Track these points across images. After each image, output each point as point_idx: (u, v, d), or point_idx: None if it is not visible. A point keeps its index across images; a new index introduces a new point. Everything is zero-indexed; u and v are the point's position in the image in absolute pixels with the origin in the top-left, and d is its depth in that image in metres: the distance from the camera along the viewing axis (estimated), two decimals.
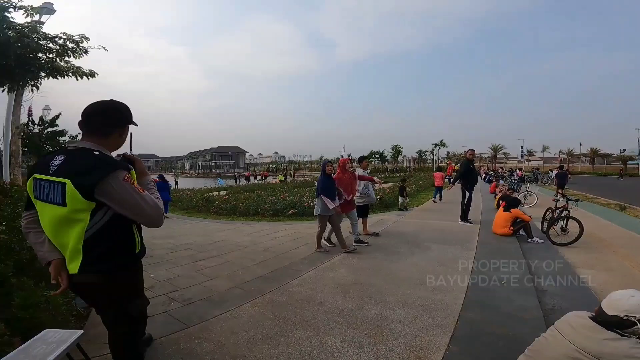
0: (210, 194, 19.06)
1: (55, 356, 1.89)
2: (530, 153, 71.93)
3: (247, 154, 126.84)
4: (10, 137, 9.06)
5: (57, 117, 15.03)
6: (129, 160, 1.93)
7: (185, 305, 3.75)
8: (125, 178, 1.70)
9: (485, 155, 74.57)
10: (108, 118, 1.83)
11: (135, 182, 1.77)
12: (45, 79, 4.58)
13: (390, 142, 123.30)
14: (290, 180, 36.59)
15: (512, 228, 7.17)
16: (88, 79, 5.04)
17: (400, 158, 76.21)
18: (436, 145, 72.32)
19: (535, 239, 6.88)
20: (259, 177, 49.63)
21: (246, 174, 52.32)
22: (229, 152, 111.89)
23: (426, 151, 75.66)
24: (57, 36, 4.15)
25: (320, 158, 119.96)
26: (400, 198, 12.04)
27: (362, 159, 7.80)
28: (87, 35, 4.40)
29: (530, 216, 7.30)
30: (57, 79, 4.64)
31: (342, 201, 6.09)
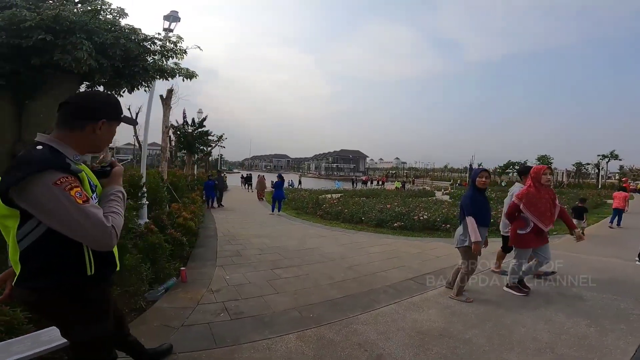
0: (323, 196, 19.37)
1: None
2: None
3: (368, 159, 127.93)
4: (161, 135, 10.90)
5: (204, 119, 17.84)
6: (109, 165, 1.58)
7: (232, 319, 3.36)
8: (58, 182, 1.24)
9: None
10: (79, 109, 1.45)
11: (82, 189, 1.30)
12: (159, 79, 4.85)
13: (532, 151, 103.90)
14: (408, 188, 34.49)
15: None
16: (190, 80, 5.24)
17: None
18: (604, 157, 56.75)
19: None
20: (376, 182, 48.92)
21: (364, 178, 52.36)
22: (350, 156, 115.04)
23: (587, 164, 60.30)
24: (154, 37, 4.29)
25: (445, 166, 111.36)
26: (576, 222, 9.29)
27: (525, 171, 4.84)
28: (181, 36, 4.49)
29: None
30: (167, 79, 4.88)
31: (529, 231, 4.06)
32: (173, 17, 6.88)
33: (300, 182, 36.60)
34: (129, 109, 13.50)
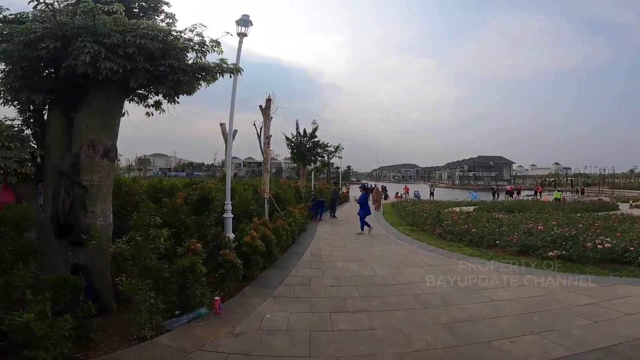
0: (449, 209, 16.24)
1: None
2: None
3: (514, 165, 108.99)
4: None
5: (315, 129, 17.54)
6: None
7: None
8: None
9: None
10: None
11: None
12: (199, 84, 4.20)
13: None
14: (575, 200, 26.36)
15: None
16: (234, 74, 4.46)
17: None
18: None
19: None
20: (527, 193, 40.11)
21: (508, 187, 43.59)
22: (490, 163, 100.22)
23: None
24: (184, 30, 4.01)
25: (631, 171, 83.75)
26: None
27: None
28: (205, 24, 4.00)
29: None
30: (208, 81, 4.17)
31: None
32: (244, 20, 6.44)
33: (432, 193, 32.94)
34: (253, 124, 14.35)
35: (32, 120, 4.05)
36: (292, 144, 16.96)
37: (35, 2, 3.48)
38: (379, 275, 5.63)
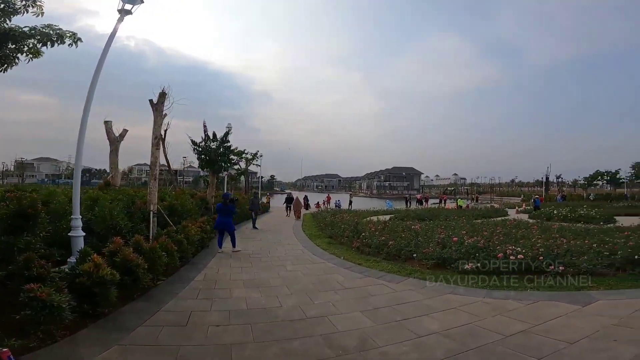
0: (367, 219, 16.11)
1: None
2: None
3: (422, 176, 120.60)
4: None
5: (227, 133, 15.78)
6: None
7: None
8: None
9: None
10: None
11: None
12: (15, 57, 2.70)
13: (627, 159, 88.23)
14: (472, 207, 29.37)
15: None
16: (74, 43, 3.07)
17: None
18: None
19: None
20: (433, 201, 43.81)
21: (418, 196, 47.21)
22: (403, 173, 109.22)
23: None
24: None
25: (512, 181, 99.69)
26: None
27: None
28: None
29: None
30: (30, 53, 2.73)
31: None
32: None
33: (351, 203, 33.48)
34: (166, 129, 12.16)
35: None
36: (199, 149, 14.98)
37: None
38: (284, 307, 4.48)
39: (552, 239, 8.03)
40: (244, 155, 19.39)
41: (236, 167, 18.21)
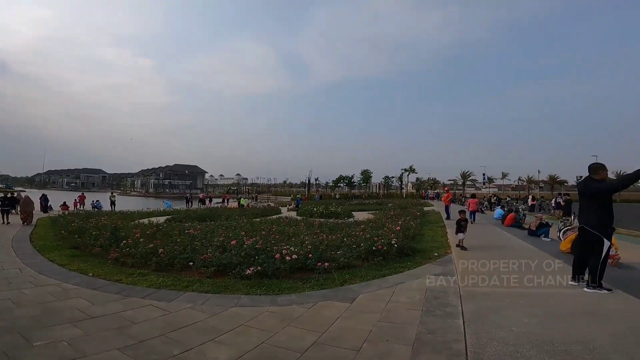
0: (135, 222, 13.56)
1: None
2: (490, 180, 73.17)
3: (207, 175, 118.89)
4: None
5: None
6: None
7: None
8: None
9: (450, 182, 74.53)
10: None
11: None
12: None
13: (358, 167, 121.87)
14: (252, 206, 31.20)
15: None
16: None
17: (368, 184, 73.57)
18: (405, 170, 70.51)
19: None
20: (217, 201, 43.51)
21: (200, 195, 45.59)
22: (186, 172, 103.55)
23: (392, 177, 73.61)
24: None
25: (284, 182, 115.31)
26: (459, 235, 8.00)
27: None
28: None
29: None
30: None
31: None
32: None
33: (113, 203, 27.58)
34: None
35: None
36: None
37: None
38: None
39: (315, 235, 9.22)
40: None
41: None
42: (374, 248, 6.77)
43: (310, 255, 6.19)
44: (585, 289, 4.48)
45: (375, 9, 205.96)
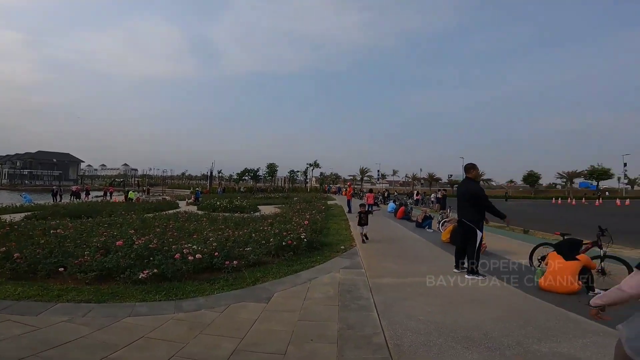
0: None
1: None
2: (383, 176, 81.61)
3: (83, 164, 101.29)
4: None
5: None
6: None
7: None
8: None
9: (350, 177, 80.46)
10: None
11: None
12: None
13: (264, 161, 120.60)
14: (144, 200, 27.63)
15: (580, 282, 4.63)
16: None
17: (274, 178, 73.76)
18: (310, 165, 72.81)
19: (598, 291, 4.30)
20: (97, 194, 37.28)
21: (74, 188, 38.30)
22: (54, 160, 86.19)
23: (298, 171, 75.33)
24: None
25: (182, 174, 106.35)
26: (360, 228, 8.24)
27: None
28: None
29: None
30: None
31: None
32: None
33: None
34: None
35: None
36: None
37: None
38: None
39: (220, 231, 8.63)
40: None
41: None
42: (284, 243, 6.65)
43: (216, 253, 5.71)
44: (466, 276, 5.26)
45: (297, 4, 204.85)
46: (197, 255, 5.41)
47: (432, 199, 26.77)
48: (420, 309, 3.89)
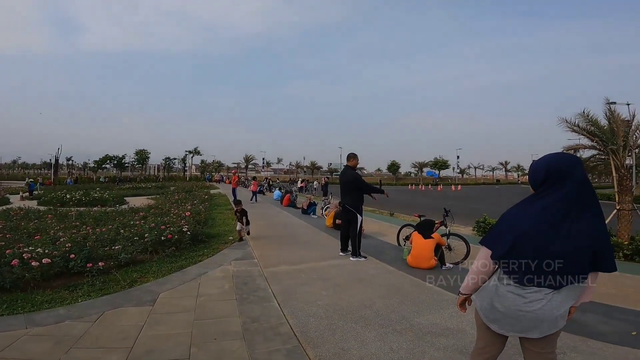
0: None
1: None
2: (268, 164, 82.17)
3: None
4: None
5: None
6: None
7: None
8: None
9: (234, 165, 78.05)
10: None
11: None
12: None
13: (131, 146, 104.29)
14: None
15: (436, 258, 5.32)
16: None
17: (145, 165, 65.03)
18: (190, 152, 66.96)
19: (448, 265, 5.44)
20: None
21: None
22: None
23: (175, 158, 68.45)
24: None
25: (14, 161, 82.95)
26: (240, 225, 7.59)
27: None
28: None
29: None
30: None
31: None
32: None
33: None
34: None
35: None
36: None
37: None
38: None
39: (75, 229, 7.11)
40: None
41: None
42: (162, 238, 5.91)
43: (72, 255, 4.64)
44: (351, 258, 5.71)
45: None
46: (45, 260, 4.28)
47: (315, 186, 28.33)
48: (317, 294, 4.00)
